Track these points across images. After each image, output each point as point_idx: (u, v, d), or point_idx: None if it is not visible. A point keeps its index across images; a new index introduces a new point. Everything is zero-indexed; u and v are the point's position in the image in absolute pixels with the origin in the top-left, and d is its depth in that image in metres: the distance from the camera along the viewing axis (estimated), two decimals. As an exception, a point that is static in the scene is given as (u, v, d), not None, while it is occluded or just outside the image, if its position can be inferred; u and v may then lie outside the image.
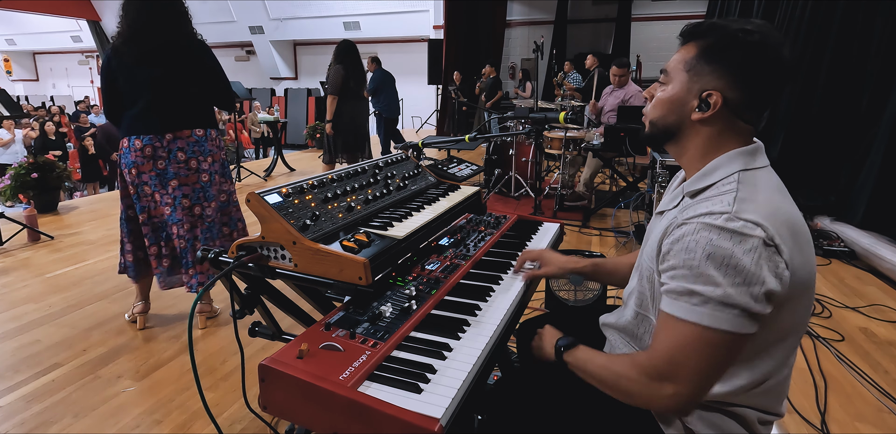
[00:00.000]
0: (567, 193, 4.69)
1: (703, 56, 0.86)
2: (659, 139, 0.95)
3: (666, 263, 0.84)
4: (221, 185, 2.27)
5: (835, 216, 3.86)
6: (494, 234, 1.51)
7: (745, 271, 0.75)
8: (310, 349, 0.88)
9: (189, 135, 2.14)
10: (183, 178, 2.14)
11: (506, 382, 1.28)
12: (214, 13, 14.60)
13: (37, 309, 2.60)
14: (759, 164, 0.87)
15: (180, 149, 2.12)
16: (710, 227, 0.78)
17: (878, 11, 3.73)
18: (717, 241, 0.76)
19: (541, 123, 3.50)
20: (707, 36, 0.87)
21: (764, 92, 0.85)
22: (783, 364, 0.88)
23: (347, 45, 4.60)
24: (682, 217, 0.83)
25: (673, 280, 0.82)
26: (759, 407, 0.88)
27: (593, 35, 11.47)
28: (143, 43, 2.05)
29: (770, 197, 0.82)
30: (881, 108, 3.58)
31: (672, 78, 0.90)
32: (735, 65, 0.83)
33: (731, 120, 0.87)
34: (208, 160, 2.19)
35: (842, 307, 2.71)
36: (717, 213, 0.79)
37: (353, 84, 4.58)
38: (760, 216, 0.77)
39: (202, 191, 2.18)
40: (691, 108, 0.88)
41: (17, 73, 19.31)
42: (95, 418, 1.76)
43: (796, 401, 1.89)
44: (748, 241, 0.75)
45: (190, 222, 2.17)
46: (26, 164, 4.34)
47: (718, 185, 0.85)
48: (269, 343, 2.15)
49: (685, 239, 0.80)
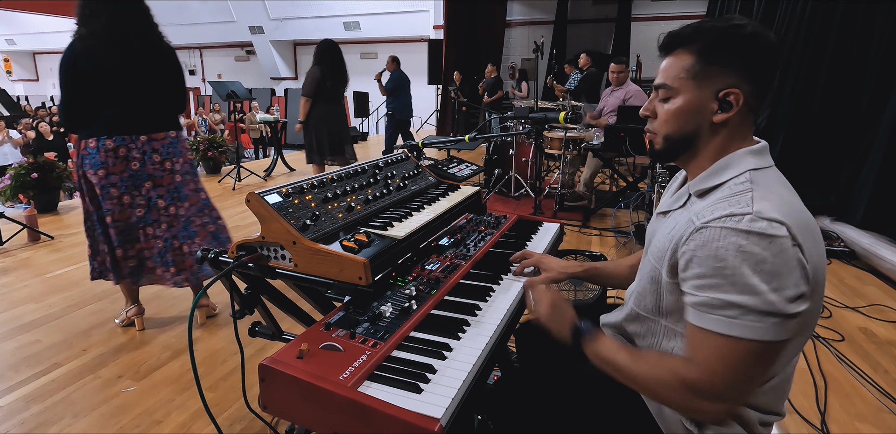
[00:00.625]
0: (567, 193, 4.69)
1: (705, 59, 0.85)
2: (677, 151, 0.92)
3: (690, 271, 0.80)
4: (193, 184, 2.31)
5: (835, 216, 3.86)
6: (494, 234, 1.51)
7: (781, 275, 0.73)
8: (310, 349, 0.88)
9: (164, 137, 2.17)
10: (158, 180, 2.17)
11: (506, 382, 1.28)
12: (214, 13, 14.62)
13: (37, 309, 2.60)
14: (767, 163, 0.87)
15: (155, 150, 2.14)
16: (737, 231, 0.75)
17: (879, 11, 3.73)
18: (748, 247, 0.74)
19: (541, 123, 3.49)
20: (696, 39, 0.86)
21: (769, 78, 0.85)
22: (788, 363, 0.88)
23: (328, 46, 4.49)
24: (699, 220, 0.80)
25: (702, 291, 0.78)
26: (761, 407, 0.88)
27: (593, 35, 11.46)
28: (125, 44, 2.02)
29: (784, 195, 0.81)
30: (881, 108, 3.58)
31: (677, 89, 0.88)
32: (741, 59, 0.83)
33: (746, 114, 0.86)
34: (180, 161, 2.24)
35: (842, 307, 2.71)
36: (738, 215, 0.76)
37: (330, 85, 4.49)
38: (780, 214, 0.75)
39: (176, 191, 2.22)
40: (711, 111, 0.86)
41: (17, 73, 19.31)
42: (95, 418, 1.76)
43: (796, 401, 1.89)
44: (777, 243, 0.73)
45: (167, 222, 2.21)
46: (26, 164, 4.34)
47: (730, 185, 0.84)
48: (269, 343, 2.15)
49: (711, 245, 0.77)
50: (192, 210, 2.28)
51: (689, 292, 0.81)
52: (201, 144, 6.38)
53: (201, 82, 17.50)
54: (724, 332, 0.76)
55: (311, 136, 4.66)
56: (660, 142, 0.93)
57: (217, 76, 16.85)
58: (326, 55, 4.47)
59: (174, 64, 2.21)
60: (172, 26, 15.38)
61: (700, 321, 0.79)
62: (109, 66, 2.01)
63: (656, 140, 0.94)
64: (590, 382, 1.06)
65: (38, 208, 4.33)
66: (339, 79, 4.56)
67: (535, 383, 1.16)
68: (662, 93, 0.90)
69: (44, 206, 4.48)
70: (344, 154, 4.82)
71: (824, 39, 4.21)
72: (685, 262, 0.81)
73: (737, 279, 0.74)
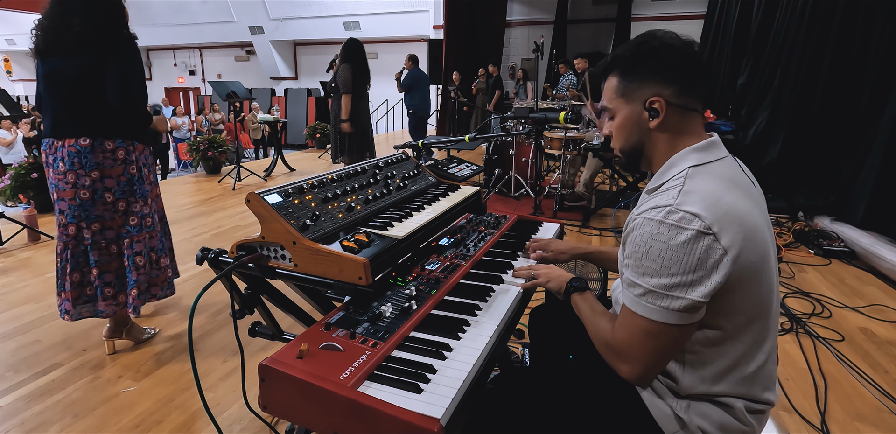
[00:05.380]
0: (567, 193, 4.70)
1: (625, 78, 0.96)
2: (635, 160, 1.02)
3: (623, 253, 0.94)
4: (118, 207, 1.97)
5: (835, 216, 3.85)
6: (494, 234, 1.51)
7: (679, 262, 0.82)
8: (310, 349, 0.88)
9: (72, 143, 1.89)
10: (60, 192, 1.92)
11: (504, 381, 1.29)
12: (214, 13, 14.63)
13: (37, 309, 2.60)
14: (712, 157, 0.93)
15: (60, 159, 1.90)
16: (653, 221, 0.85)
17: (878, 12, 3.73)
18: (658, 235, 0.84)
19: (541, 123, 3.49)
20: (616, 64, 0.98)
21: (688, 74, 0.93)
22: (755, 349, 0.90)
23: (355, 44, 4.61)
24: (635, 212, 0.92)
25: (625, 271, 0.91)
26: (743, 395, 0.91)
27: (593, 35, 11.47)
28: (47, 36, 1.88)
29: (716, 187, 0.87)
30: (881, 108, 3.58)
31: (614, 108, 1.00)
32: (653, 70, 0.93)
33: (682, 113, 0.94)
34: (91, 175, 1.91)
35: (842, 307, 2.71)
36: (660, 207, 0.85)
37: (360, 83, 4.61)
38: (700, 206, 0.82)
39: (80, 209, 1.93)
40: (645, 120, 0.95)
41: (17, 73, 19.32)
42: (95, 418, 1.76)
43: (796, 401, 1.89)
44: (683, 233, 0.81)
45: (63, 242, 1.97)
46: (26, 164, 4.34)
47: (670, 181, 0.92)
48: (269, 343, 2.15)
49: (634, 233, 0.88)
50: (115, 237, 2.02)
51: (622, 270, 0.95)
52: (201, 144, 6.39)
53: (201, 82, 17.51)
54: (629, 307, 0.89)
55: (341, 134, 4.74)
56: (619, 155, 1.04)
57: (217, 76, 16.86)
58: (354, 53, 4.57)
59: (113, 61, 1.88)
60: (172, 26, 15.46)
61: (622, 295, 0.92)
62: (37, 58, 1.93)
63: (618, 154, 1.05)
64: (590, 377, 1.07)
65: (38, 208, 4.32)
66: (365, 77, 4.65)
67: (535, 383, 1.16)
68: (607, 114, 1.03)
69: (44, 206, 4.48)
70: (372, 151, 4.90)
71: (824, 39, 4.21)
72: (622, 246, 0.96)
73: (643, 262, 0.86)
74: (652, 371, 0.91)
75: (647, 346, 0.87)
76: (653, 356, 0.88)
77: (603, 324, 0.98)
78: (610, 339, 0.93)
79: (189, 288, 2.86)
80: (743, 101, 5.71)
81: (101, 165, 1.93)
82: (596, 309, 1.04)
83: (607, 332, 0.95)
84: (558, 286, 1.15)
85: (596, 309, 1.04)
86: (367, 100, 4.85)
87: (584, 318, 1.04)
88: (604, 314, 1.02)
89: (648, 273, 0.85)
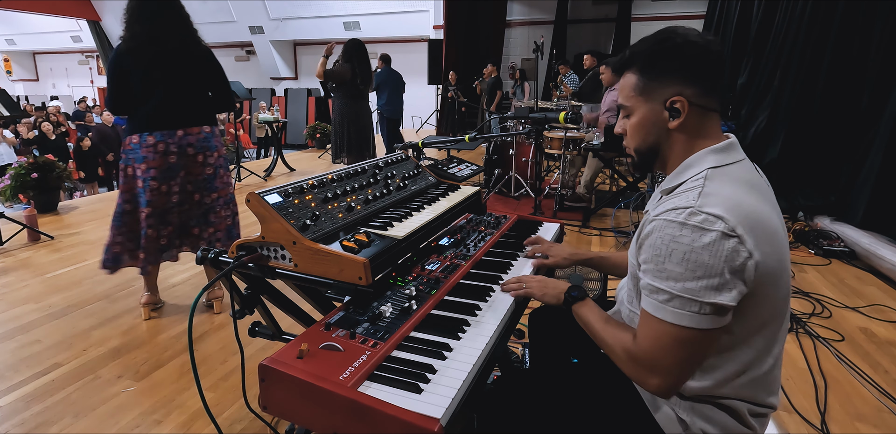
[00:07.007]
0: (567, 193, 4.69)
1: (645, 76, 0.93)
2: (649, 160, 0.99)
3: (640, 257, 0.89)
4: (225, 177, 2.50)
5: (835, 216, 3.85)
6: (494, 234, 1.51)
7: (705, 265, 0.78)
8: (310, 349, 0.88)
9: (198, 132, 2.34)
10: (191, 170, 2.35)
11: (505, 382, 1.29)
12: (214, 13, 14.59)
13: (37, 309, 2.60)
14: (731, 159, 0.90)
15: (190, 144, 2.31)
16: (673, 223, 0.82)
17: (878, 12, 3.73)
18: (680, 238, 0.80)
19: (541, 123, 3.49)
20: (636, 61, 0.94)
21: (710, 74, 0.90)
22: (765, 354, 0.88)
23: (356, 44, 4.61)
24: (652, 214, 0.88)
25: (645, 275, 0.87)
26: (748, 398, 0.89)
27: (593, 35, 11.45)
28: (161, 45, 2.21)
29: (736, 190, 0.85)
30: (881, 108, 3.58)
31: (632, 107, 0.96)
32: (675, 68, 0.90)
33: (702, 114, 0.91)
34: (214, 155, 2.40)
35: (842, 307, 2.71)
36: (681, 208, 0.82)
37: (361, 84, 4.60)
38: (723, 209, 0.80)
39: (205, 182, 2.40)
40: (665, 119, 0.93)
41: (17, 73, 19.30)
42: (95, 418, 1.76)
43: (796, 401, 1.89)
44: (708, 235, 0.79)
45: (189, 205, 2.40)
46: (26, 164, 4.34)
47: (688, 182, 0.89)
48: (269, 343, 2.15)
49: (653, 235, 0.85)
50: (220, 201, 2.46)
51: (640, 276, 0.90)
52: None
53: (201, 82, 17.47)
54: (654, 315, 0.84)
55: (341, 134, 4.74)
56: (633, 155, 1.01)
57: (217, 76, 16.81)
58: (355, 54, 4.57)
59: (209, 64, 2.38)
60: (172, 26, 15.42)
61: (643, 302, 0.88)
62: (145, 64, 2.20)
63: (631, 153, 1.01)
64: (592, 378, 1.06)
65: (38, 208, 4.33)
66: (366, 78, 4.64)
67: (535, 383, 1.16)
68: (623, 112, 0.99)
69: (44, 206, 4.48)
70: (371, 152, 4.90)
71: (824, 39, 4.21)
72: (638, 250, 0.91)
73: (666, 266, 0.82)
74: (681, 382, 0.87)
75: (677, 355, 0.83)
76: (684, 366, 0.84)
77: (620, 334, 0.92)
78: (634, 350, 0.87)
79: (189, 288, 2.86)
80: (743, 101, 5.71)
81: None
82: (607, 319, 0.99)
83: (628, 342, 0.89)
84: (556, 298, 1.09)
85: (607, 319, 0.99)
86: (367, 100, 4.85)
87: (594, 330, 0.98)
88: (618, 325, 0.97)
89: (672, 277, 0.81)
